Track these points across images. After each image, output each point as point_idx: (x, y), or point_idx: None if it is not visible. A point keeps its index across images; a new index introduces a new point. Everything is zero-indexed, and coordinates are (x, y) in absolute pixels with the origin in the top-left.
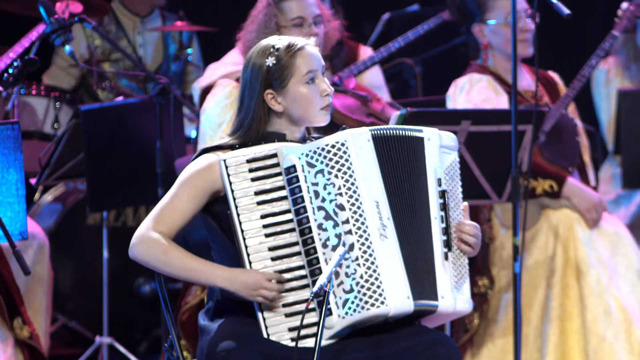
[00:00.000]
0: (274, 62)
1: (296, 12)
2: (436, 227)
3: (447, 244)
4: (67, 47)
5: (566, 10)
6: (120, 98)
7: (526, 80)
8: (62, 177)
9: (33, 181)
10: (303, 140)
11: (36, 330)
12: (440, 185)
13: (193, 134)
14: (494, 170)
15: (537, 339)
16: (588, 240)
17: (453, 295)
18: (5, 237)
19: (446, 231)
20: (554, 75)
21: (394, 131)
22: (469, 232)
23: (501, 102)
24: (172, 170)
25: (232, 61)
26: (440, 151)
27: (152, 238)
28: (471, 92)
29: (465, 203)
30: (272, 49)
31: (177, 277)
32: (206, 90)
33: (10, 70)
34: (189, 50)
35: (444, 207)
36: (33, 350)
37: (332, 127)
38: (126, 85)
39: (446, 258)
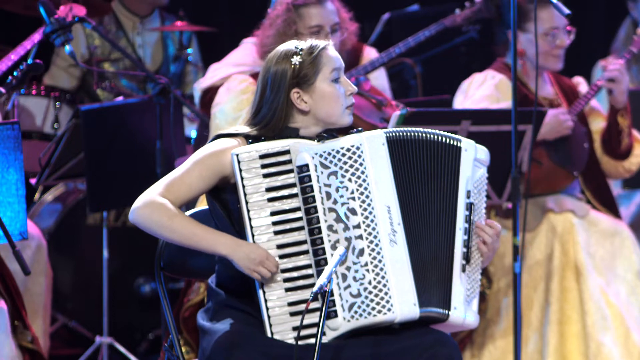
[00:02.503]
0: (300, 60)
1: (315, 20)
2: (459, 237)
3: (466, 257)
4: (67, 47)
5: (566, 10)
6: (120, 98)
7: (548, 88)
8: (62, 177)
9: (33, 181)
10: (317, 136)
11: (36, 334)
12: (468, 197)
13: (193, 134)
14: (494, 170)
15: (538, 341)
16: (587, 244)
17: (464, 308)
18: (5, 237)
19: (467, 244)
20: (578, 81)
21: (411, 134)
22: (488, 232)
23: (501, 105)
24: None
25: (234, 62)
26: (473, 164)
27: (158, 202)
28: (481, 87)
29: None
30: (295, 49)
31: (179, 243)
32: (206, 91)
33: (15, 73)
34: (189, 50)
35: (469, 219)
36: (33, 354)
37: (345, 128)
38: (126, 86)
39: (463, 270)
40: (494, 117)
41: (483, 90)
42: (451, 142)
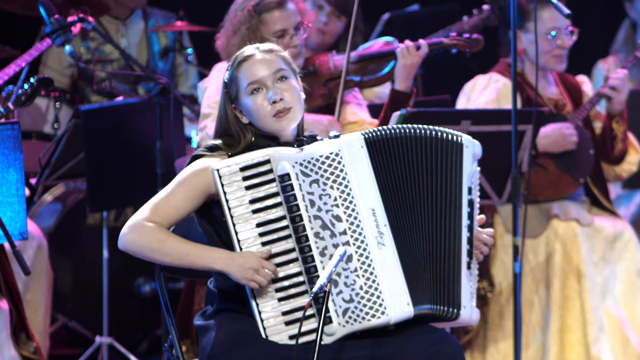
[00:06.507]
0: (227, 77)
1: (279, 24)
2: (464, 235)
3: (470, 254)
4: (67, 47)
5: (566, 10)
6: (120, 98)
7: (553, 88)
8: (62, 177)
9: (33, 181)
10: (295, 140)
11: (39, 344)
12: (470, 194)
13: (193, 134)
14: (494, 170)
15: (540, 345)
16: (591, 252)
17: (471, 306)
18: (5, 237)
19: (470, 241)
20: (582, 80)
21: (393, 132)
22: (484, 240)
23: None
24: (172, 170)
25: None
26: (472, 159)
27: (146, 226)
28: (484, 91)
29: (482, 215)
30: (229, 64)
31: (172, 264)
32: None
33: (26, 87)
34: (189, 50)
35: (471, 216)
36: None
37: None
38: (118, 87)
39: (468, 267)
40: (494, 117)
41: (486, 95)
42: (452, 139)
